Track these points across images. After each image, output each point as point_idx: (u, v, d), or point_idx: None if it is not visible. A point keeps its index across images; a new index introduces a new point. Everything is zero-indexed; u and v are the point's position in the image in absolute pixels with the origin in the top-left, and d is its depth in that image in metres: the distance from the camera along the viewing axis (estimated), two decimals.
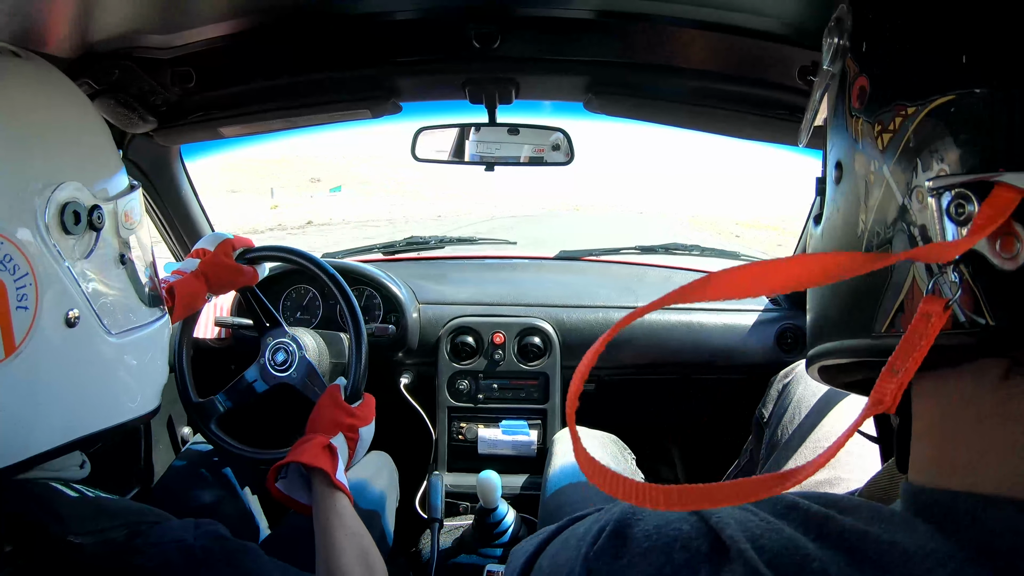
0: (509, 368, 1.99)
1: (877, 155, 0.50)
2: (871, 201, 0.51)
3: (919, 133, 0.46)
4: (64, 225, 0.75)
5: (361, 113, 1.54)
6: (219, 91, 1.46)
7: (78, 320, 0.77)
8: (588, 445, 1.52)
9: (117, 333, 0.84)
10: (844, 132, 0.56)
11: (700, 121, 1.52)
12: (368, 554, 1.09)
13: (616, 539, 0.55)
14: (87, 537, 0.70)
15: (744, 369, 2.04)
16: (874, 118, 0.51)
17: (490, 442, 1.98)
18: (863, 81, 0.53)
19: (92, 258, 0.80)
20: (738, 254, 2.44)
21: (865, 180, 0.52)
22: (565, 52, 1.39)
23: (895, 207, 0.48)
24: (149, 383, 0.93)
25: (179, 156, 1.88)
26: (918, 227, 0.46)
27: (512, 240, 2.70)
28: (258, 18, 1.23)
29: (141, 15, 1.13)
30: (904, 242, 0.47)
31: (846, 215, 0.55)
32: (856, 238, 0.53)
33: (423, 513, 1.76)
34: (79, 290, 0.78)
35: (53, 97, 0.82)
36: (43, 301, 0.73)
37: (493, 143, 1.70)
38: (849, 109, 0.55)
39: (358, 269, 2.01)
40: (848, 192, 0.55)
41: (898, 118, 0.48)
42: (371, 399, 1.42)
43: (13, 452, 0.73)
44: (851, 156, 0.54)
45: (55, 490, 0.76)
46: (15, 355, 0.70)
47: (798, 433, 1.35)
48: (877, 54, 0.53)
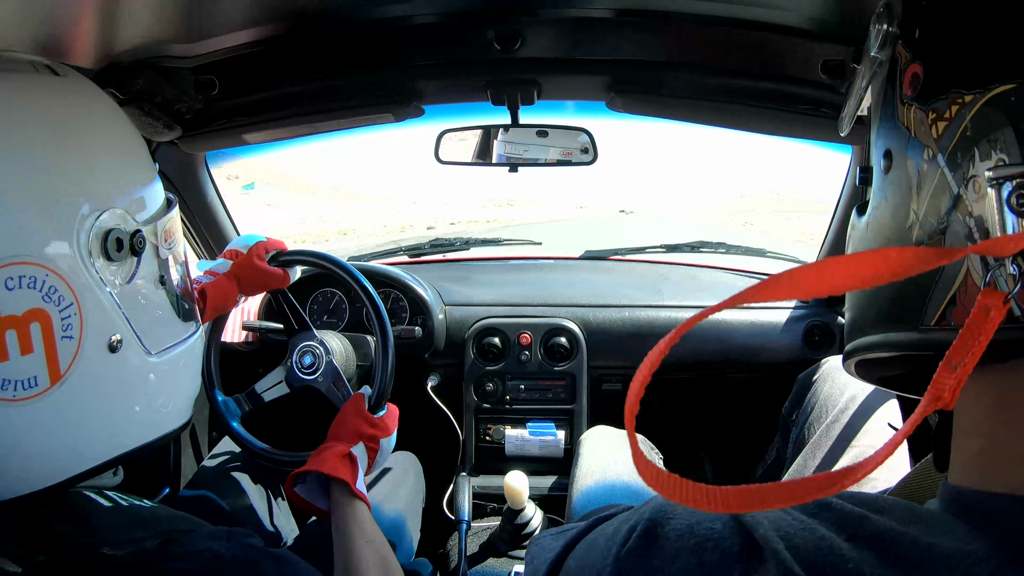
0: (536, 369, 1.99)
1: (932, 144, 0.49)
2: (924, 191, 0.50)
3: (977, 121, 0.45)
4: (107, 252, 0.76)
5: (384, 117, 1.54)
6: (242, 98, 1.47)
7: (120, 344, 0.77)
8: (617, 444, 1.50)
9: (157, 352, 0.84)
10: (894, 121, 0.55)
11: (723, 118, 1.50)
12: (387, 562, 1.09)
13: (647, 538, 0.54)
14: (120, 548, 0.70)
15: (771, 367, 2.02)
16: (928, 106, 0.50)
17: (517, 443, 1.98)
18: (916, 68, 0.52)
19: (133, 282, 0.80)
20: (764, 251, 2.40)
21: (918, 170, 0.51)
22: (586, 52, 1.38)
23: (949, 197, 0.47)
24: (184, 396, 0.94)
25: (204, 163, 1.90)
26: (974, 218, 0.45)
27: (537, 240, 2.69)
28: (280, 25, 1.24)
29: (164, 24, 1.14)
30: (958, 233, 0.46)
31: (896, 206, 0.53)
32: (905, 230, 0.52)
33: (450, 514, 1.76)
34: (121, 315, 0.78)
35: (95, 119, 0.82)
36: (87, 329, 0.73)
37: (521, 144, 1.70)
38: (900, 97, 0.54)
39: (384, 272, 2.01)
40: (899, 182, 0.53)
41: (955, 106, 0.47)
42: (395, 410, 1.42)
43: (58, 472, 0.74)
44: (902, 145, 0.53)
45: (88, 499, 0.77)
46: (60, 383, 0.71)
47: (826, 432, 1.34)
48: (932, 41, 0.52)
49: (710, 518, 0.52)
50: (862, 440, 1.30)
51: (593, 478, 1.51)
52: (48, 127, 0.74)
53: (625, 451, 1.65)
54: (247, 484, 1.65)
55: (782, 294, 0.43)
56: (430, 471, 1.88)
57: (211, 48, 1.25)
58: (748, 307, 2.02)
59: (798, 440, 1.43)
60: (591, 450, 1.65)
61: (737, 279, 2.26)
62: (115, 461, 0.80)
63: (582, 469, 1.59)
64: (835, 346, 1.95)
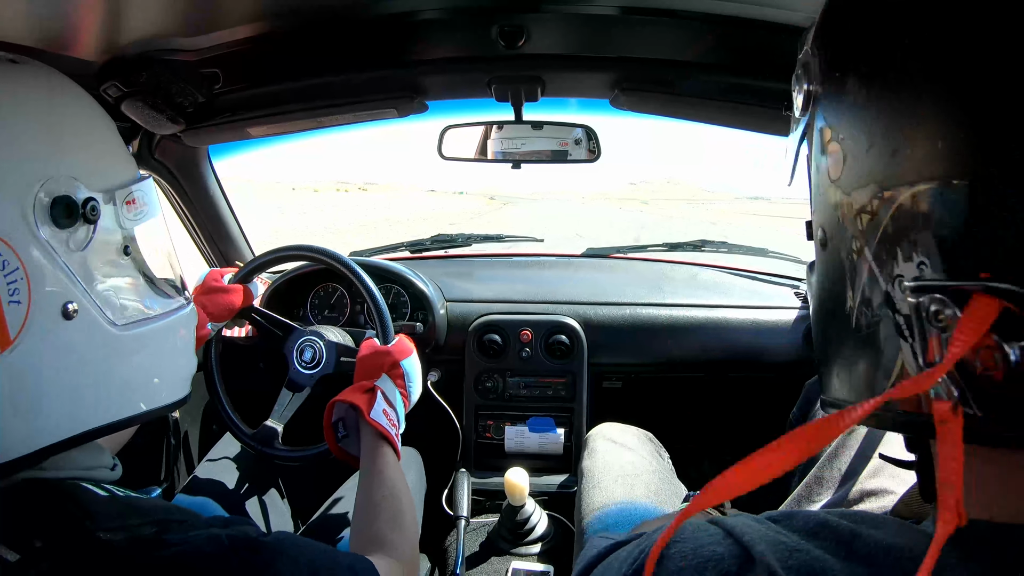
0: (536, 366, 1.99)
1: (859, 234, 0.48)
2: (857, 280, 0.49)
3: (897, 220, 0.44)
4: (55, 219, 0.75)
5: (388, 112, 1.54)
6: (246, 92, 1.47)
7: (77, 312, 0.77)
8: (626, 441, 1.50)
9: (123, 324, 0.83)
10: (824, 197, 0.53)
11: (729, 117, 1.50)
12: (401, 516, 1.12)
13: (655, 560, 0.56)
14: (116, 533, 0.70)
15: (773, 367, 2.02)
16: (851, 194, 0.49)
17: (517, 440, 1.98)
18: (837, 150, 0.51)
19: (90, 250, 0.80)
20: (766, 251, 2.40)
21: (850, 257, 0.50)
22: (591, 49, 1.38)
23: (880, 292, 0.47)
24: (167, 375, 0.93)
25: (207, 156, 1.90)
26: (903, 316, 0.44)
27: (539, 237, 2.69)
28: (285, 20, 1.23)
29: (168, 18, 1.13)
30: (891, 328, 0.46)
31: (834, 287, 0.53)
32: (845, 314, 0.52)
33: (449, 510, 1.77)
34: (76, 282, 0.77)
35: (54, 99, 0.82)
36: (36, 295, 0.73)
37: (516, 139, 1.70)
38: (828, 175, 0.52)
39: (386, 267, 2.01)
40: (833, 264, 0.53)
41: (876, 200, 0.46)
42: (403, 336, 1.47)
43: (20, 443, 0.73)
44: (834, 226, 0.52)
45: (85, 489, 0.77)
46: (11, 348, 0.71)
47: (843, 442, 1.32)
48: (847, 121, 0.50)
49: (713, 542, 0.53)
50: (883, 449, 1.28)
51: (610, 474, 1.51)
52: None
53: (637, 446, 1.66)
54: (244, 487, 1.66)
55: (720, 497, 0.47)
56: (430, 467, 1.88)
57: (215, 42, 1.25)
58: (750, 307, 2.02)
59: None
60: (605, 447, 1.64)
61: (737, 279, 2.26)
62: (82, 437, 0.79)
63: (596, 464, 1.58)
64: None
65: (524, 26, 1.26)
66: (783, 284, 2.20)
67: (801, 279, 2.19)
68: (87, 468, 0.82)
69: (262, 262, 1.61)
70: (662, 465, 1.62)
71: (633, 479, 1.48)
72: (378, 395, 1.29)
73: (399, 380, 1.36)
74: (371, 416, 1.24)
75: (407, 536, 1.10)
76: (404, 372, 1.38)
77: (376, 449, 1.22)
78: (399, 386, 1.36)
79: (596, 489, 1.48)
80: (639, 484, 1.46)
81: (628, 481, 1.47)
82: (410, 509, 1.15)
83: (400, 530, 1.09)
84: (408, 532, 1.11)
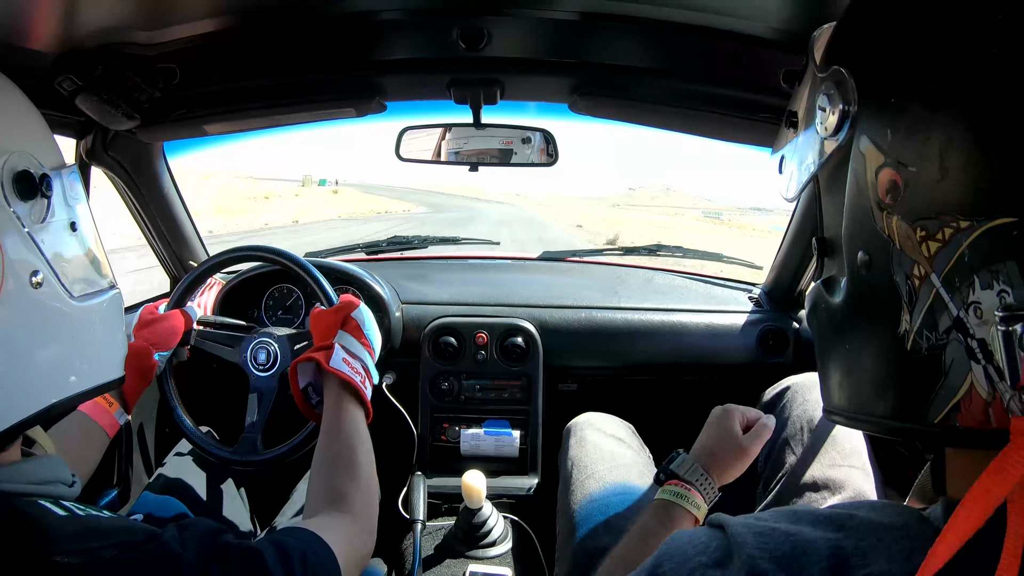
0: (492, 369, 1.99)
1: (924, 261, 0.48)
2: (917, 307, 0.49)
3: (977, 250, 0.45)
4: (20, 192, 0.77)
5: (346, 112, 1.54)
6: (203, 88, 1.46)
7: (43, 283, 0.79)
8: (614, 432, 1.50)
9: (79, 296, 0.86)
10: (869, 222, 0.53)
11: (685, 123, 1.53)
12: (357, 468, 1.14)
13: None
14: (74, 557, 0.68)
15: (726, 370, 2.06)
16: (915, 223, 0.48)
17: (473, 443, 1.98)
18: (894, 176, 0.50)
19: (47, 224, 0.82)
20: (721, 256, 2.45)
21: (909, 282, 0.50)
22: (551, 53, 1.39)
23: (948, 317, 0.47)
24: (114, 350, 0.96)
25: (162, 153, 1.87)
26: (977, 340, 0.45)
27: (496, 240, 2.70)
28: (243, 16, 1.22)
29: (126, 12, 1.12)
30: (960, 351, 0.47)
31: (884, 310, 0.53)
32: (898, 336, 0.52)
33: (406, 514, 1.75)
34: (39, 253, 0.80)
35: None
36: (8, 264, 0.74)
37: (461, 139, 1.70)
38: (876, 200, 0.52)
39: (341, 268, 2.00)
40: (883, 287, 0.53)
41: (948, 229, 0.46)
42: (346, 294, 1.50)
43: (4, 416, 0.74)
44: (884, 252, 0.52)
45: (43, 508, 0.74)
46: None
47: (806, 455, 1.32)
48: (911, 148, 0.49)
49: (704, 555, 0.56)
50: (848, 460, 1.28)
51: (604, 464, 1.51)
52: None
53: (626, 436, 1.65)
54: (207, 485, 1.65)
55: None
56: (385, 470, 1.86)
57: (173, 36, 1.23)
58: (705, 311, 2.05)
59: (775, 458, 1.40)
60: (596, 439, 1.62)
61: (692, 283, 2.29)
62: (48, 410, 0.80)
63: (589, 455, 1.56)
64: (789, 350, 2.00)
65: (485, 29, 1.27)
66: (737, 288, 2.24)
67: (754, 283, 2.24)
68: (43, 482, 0.80)
69: (191, 280, 1.60)
70: (643, 458, 1.61)
71: (628, 469, 1.49)
72: (336, 347, 1.29)
73: (356, 332, 1.36)
74: (331, 364, 1.24)
75: (364, 490, 1.11)
76: (358, 323, 1.38)
77: (339, 402, 1.23)
78: (357, 337, 1.36)
79: (591, 479, 1.47)
80: (633, 474, 1.47)
81: (624, 472, 1.48)
82: (368, 463, 1.16)
83: (356, 483, 1.10)
84: (364, 485, 1.12)
